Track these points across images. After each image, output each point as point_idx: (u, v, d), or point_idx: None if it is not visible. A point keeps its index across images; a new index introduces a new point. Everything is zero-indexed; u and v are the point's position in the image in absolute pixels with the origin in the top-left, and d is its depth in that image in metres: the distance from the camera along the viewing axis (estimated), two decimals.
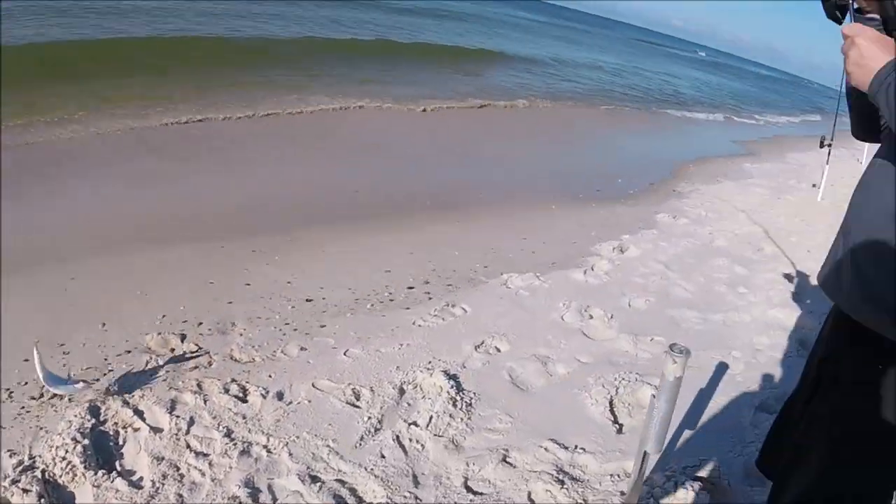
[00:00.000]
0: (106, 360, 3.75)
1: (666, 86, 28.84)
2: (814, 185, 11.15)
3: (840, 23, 1.81)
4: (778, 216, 9.04)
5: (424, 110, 12.51)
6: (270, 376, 3.68)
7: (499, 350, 4.32)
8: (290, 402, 3.44)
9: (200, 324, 4.23)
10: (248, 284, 4.89)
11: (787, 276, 6.44)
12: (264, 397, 3.45)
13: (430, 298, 5.01)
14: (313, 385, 3.62)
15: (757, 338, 4.98)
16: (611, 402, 3.80)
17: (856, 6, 1.79)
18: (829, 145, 10.08)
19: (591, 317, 4.99)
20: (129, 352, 3.85)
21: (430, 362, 3.97)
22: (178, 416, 3.23)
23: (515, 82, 18.60)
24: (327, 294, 4.88)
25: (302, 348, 4.03)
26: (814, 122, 29.32)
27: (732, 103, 29.78)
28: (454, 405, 3.54)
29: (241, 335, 4.13)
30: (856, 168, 14.85)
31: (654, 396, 2.26)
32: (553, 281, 5.56)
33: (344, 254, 5.67)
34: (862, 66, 1.59)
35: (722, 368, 4.44)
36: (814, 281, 6.14)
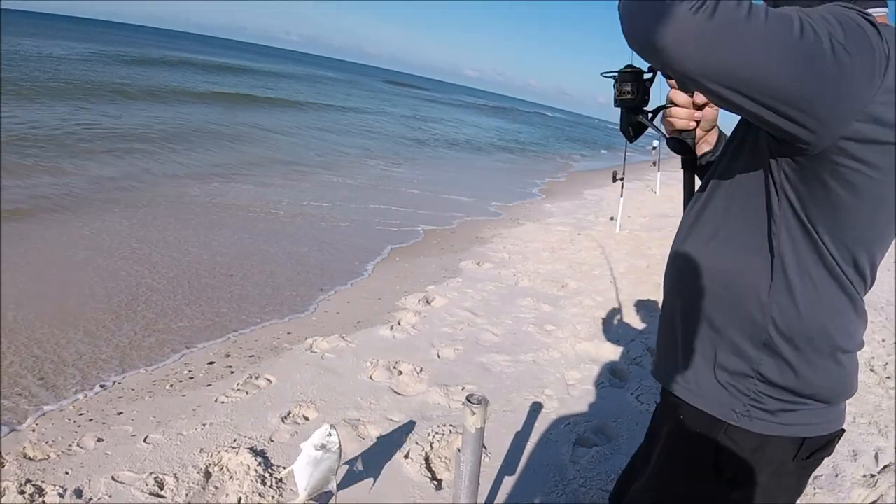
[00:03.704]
0: None
1: (456, 132, 30.22)
2: (612, 218, 12.22)
3: (632, 140, 1.99)
4: (580, 251, 9.72)
5: None
6: (67, 473, 3.56)
7: (307, 419, 4.39)
8: (90, 499, 3.35)
9: None
10: (36, 374, 4.67)
11: (593, 308, 6.93)
12: (62, 496, 3.34)
13: (231, 372, 5.01)
14: (113, 478, 3.53)
15: (568, 373, 5.34)
16: (427, 459, 3.95)
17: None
18: (622, 179, 11.15)
19: (401, 372, 5.15)
20: None
21: (235, 440, 3.99)
22: None
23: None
24: (121, 378, 4.76)
25: (99, 439, 3.92)
26: (605, 156, 31.90)
27: (522, 145, 31.68)
28: (263, 483, 3.59)
29: (33, 430, 3.96)
30: (650, 198, 16.34)
31: (458, 451, 2.41)
32: (359, 340, 5.70)
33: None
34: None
35: (536, 408, 4.72)
36: (620, 309, 6.74)
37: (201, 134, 16.43)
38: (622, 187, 11.53)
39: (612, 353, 5.78)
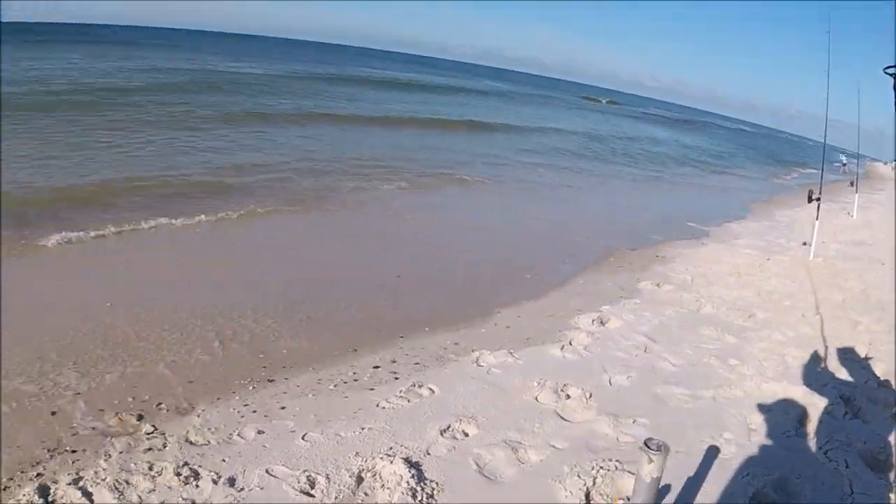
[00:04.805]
0: (60, 439, 3.66)
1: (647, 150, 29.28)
2: (804, 243, 10.91)
3: None
4: (769, 278, 8.78)
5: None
6: (224, 460, 3.57)
7: (466, 434, 4.18)
8: (242, 489, 3.32)
9: (160, 404, 4.14)
10: (210, 358, 4.83)
11: (783, 345, 6.22)
12: (216, 482, 3.34)
13: (396, 378, 4.91)
14: (267, 471, 3.50)
15: (751, 416, 4.73)
16: (587, 495, 3.61)
17: None
18: (818, 199, 9.97)
19: (568, 396, 4.80)
20: (91, 429, 3.78)
21: (391, 448, 3.85)
22: (126, 500, 3.13)
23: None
24: (290, 374, 4.79)
25: (259, 431, 3.93)
26: (796, 174, 29.80)
27: (711, 161, 30.23)
28: (413, 496, 3.41)
29: (198, 416, 4.04)
30: (846, 222, 14.93)
31: (628, 499, 2.12)
32: (527, 358, 5.43)
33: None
34: None
35: (713, 452, 4.20)
36: (810, 349, 6.05)
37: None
38: (818, 209, 10.25)
39: (802, 397, 5.10)
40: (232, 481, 3.38)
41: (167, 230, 8.11)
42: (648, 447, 1.95)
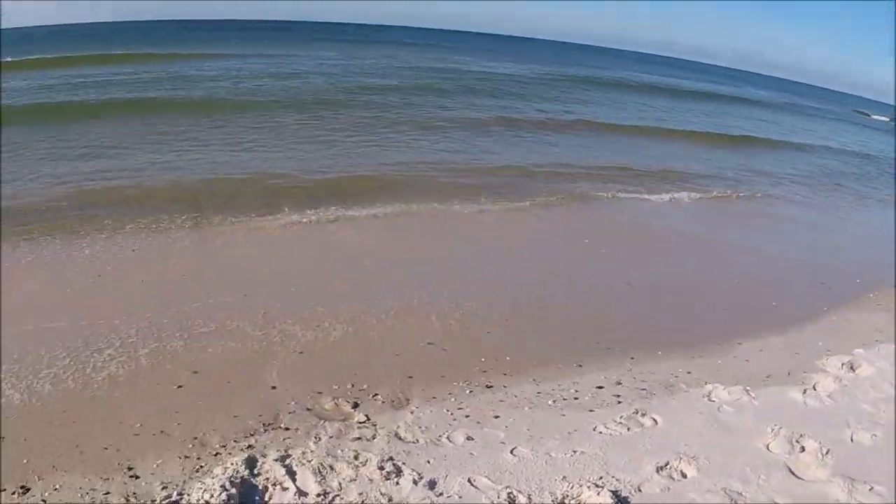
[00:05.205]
0: (278, 414, 3.84)
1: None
2: None
3: None
4: None
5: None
6: (429, 461, 3.55)
7: (684, 475, 3.83)
8: (441, 494, 3.28)
9: (376, 395, 4.23)
10: (433, 356, 4.90)
11: None
12: (416, 483, 3.32)
13: (618, 402, 4.63)
14: (469, 480, 3.42)
15: None
16: None
17: None
18: None
19: (803, 449, 4.25)
20: (306, 409, 3.95)
21: (601, 478, 3.61)
22: (327, 485, 3.19)
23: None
24: (510, 382, 4.69)
25: (469, 437, 3.86)
26: None
27: None
28: None
29: (412, 413, 4.06)
30: None
31: None
32: (764, 398, 4.90)
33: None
34: None
35: None
36: None
37: None
38: None
39: None
40: (432, 484, 3.34)
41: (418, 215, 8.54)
42: None
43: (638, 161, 14.69)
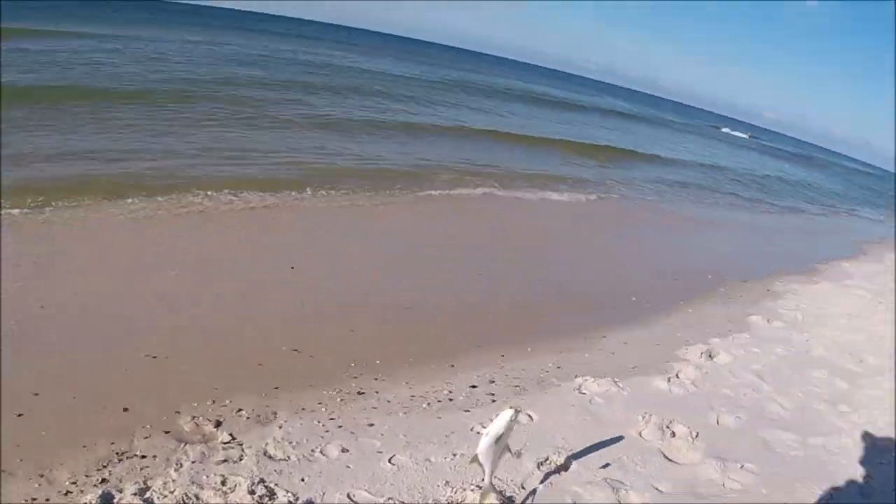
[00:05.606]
0: (132, 440, 3.47)
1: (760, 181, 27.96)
2: None
3: None
4: (881, 323, 8.28)
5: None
6: (304, 480, 3.30)
7: (565, 469, 3.81)
8: None
9: (240, 410, 3.91)
10: (299, 363, 4.62)
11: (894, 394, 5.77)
12: None
13: (493, 401, 4.55)
14: (349, 496, 3.21)
15: (863, 469, 4.38)
16: None
17: None
18: None
19: (674, 434, 4.44)
20: (164, 432, 3.58)
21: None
22: None
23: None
24: (382, 388, 4.49)
25: (343, 449, 3.63)
26: None
27: (823, 198, 28.91)
28: None
29: (280, 427, 3.78)
30: None
31: None
32: (632, 388, 5.04)
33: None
34: None
35: None
36: None
37: None
38: None
39: None
40: None
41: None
42: None
43: (498, 163, 14.88)
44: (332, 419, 3.97)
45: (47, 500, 2.96)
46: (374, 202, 9.52)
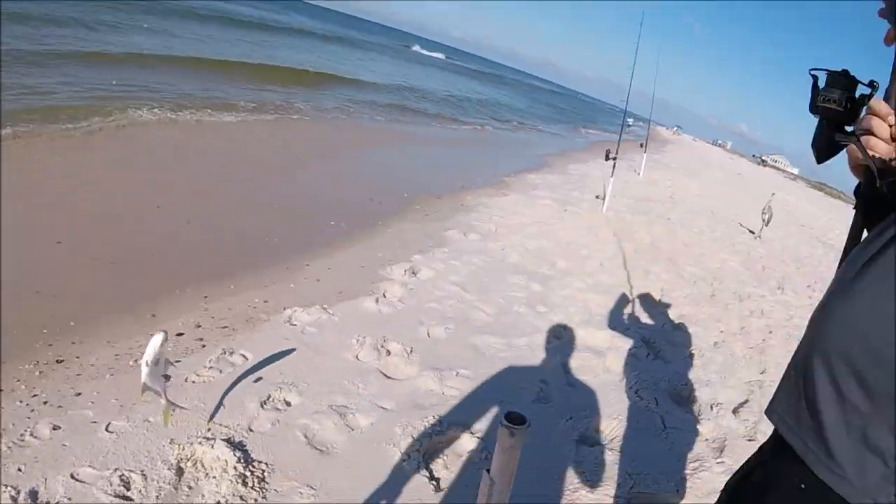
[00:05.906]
0: None
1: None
2: (597, 197, 12.05)
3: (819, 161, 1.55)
4: (566, 229, 9.47)
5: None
6: (20, 469, 3.10)
7: (289, 404, 3.99)
8: (47, 503, 2.92)
9: None
10: None
11: (584, 292, 6.65)
12: (15, 500, 2.90)
13: (203, 346, 4.53)
14: (73, 476, 3.10)
15: (564, 361, 5.08)
16: (424, 455, 3.62)
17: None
18: (615, 158, 10.88)
19: (389, 352, 4.77)
20: None
21: (209, 429, 3.59)
22: None
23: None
24: (81, 351, 4.25)
25: (55, 427, 3.44)
26: (596, 133, 31.72)
27: (505, 113, 31.31)
28: (244, 483, 3.20)
29: None
30: (633, 179, 16.31)
31: (488, 472, 2.03)
32: (343, 313, 5.29)
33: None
34: None
35: (534, 399, 4.43)
36: (610, 296, 6.49)
37: None
38: (614, 167, 11.29)
39: (608, 341, 5.55)
40: (34, 495, 2.94)
41: None
42: (511, 423, 1.84)
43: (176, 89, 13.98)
44: (34, 396, 3.70)
45: None
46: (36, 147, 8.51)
